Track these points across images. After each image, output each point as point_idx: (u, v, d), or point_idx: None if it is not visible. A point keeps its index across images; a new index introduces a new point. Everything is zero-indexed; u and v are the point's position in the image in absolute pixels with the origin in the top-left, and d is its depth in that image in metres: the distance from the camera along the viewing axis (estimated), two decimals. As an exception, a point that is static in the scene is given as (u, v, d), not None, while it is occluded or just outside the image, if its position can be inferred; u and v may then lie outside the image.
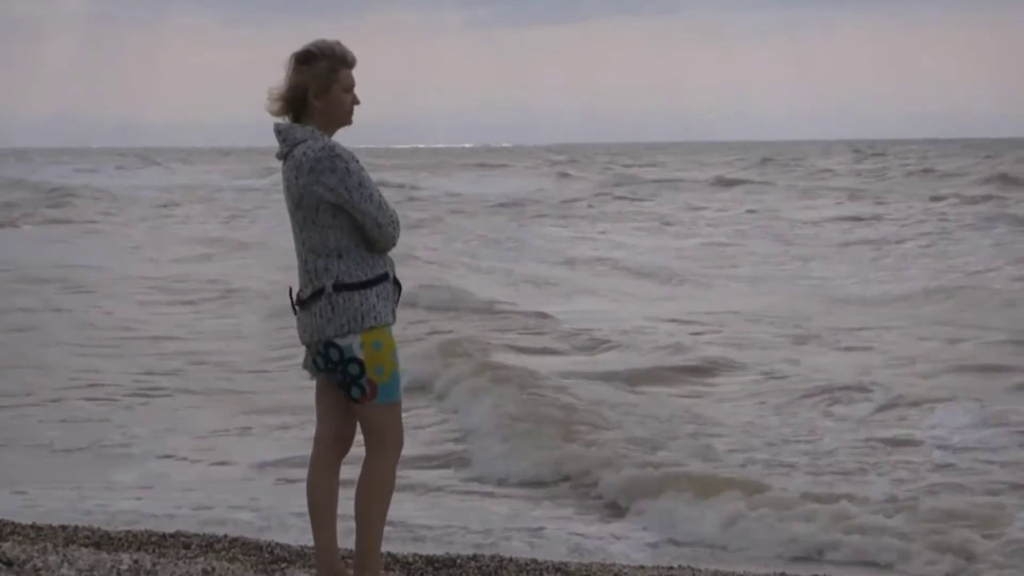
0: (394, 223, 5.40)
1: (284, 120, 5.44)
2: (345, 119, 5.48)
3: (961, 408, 11.56)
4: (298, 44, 5.44)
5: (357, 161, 5.36)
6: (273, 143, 5.48)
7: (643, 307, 19.63)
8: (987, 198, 42.03)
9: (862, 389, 12.58)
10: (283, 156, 5.42)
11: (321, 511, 5.53)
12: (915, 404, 11.88)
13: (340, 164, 5.31)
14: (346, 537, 5.62)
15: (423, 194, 54.24)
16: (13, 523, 7.50)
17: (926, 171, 61.96)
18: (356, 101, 5.49)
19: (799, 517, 8.25)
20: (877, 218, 37.63)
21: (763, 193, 51.31)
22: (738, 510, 8.42)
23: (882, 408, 11.87)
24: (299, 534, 7.54)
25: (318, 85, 5.39)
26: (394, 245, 5.43)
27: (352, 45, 5.44)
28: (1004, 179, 50.22)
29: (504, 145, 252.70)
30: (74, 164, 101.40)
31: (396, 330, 5.48)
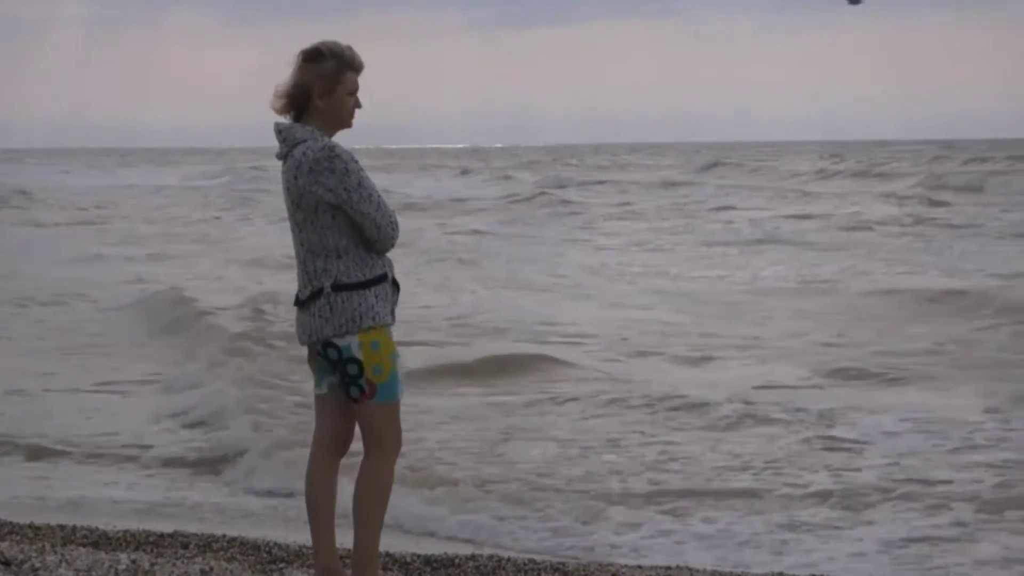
0: (393, 224, 5.41)
1: (286, 119, 5.46)
2: (346, 122, 5.49)
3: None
4: (298, 44, 5.45)
5: (356, 162, 5.37)
6: (268, 143, 5.49)
7: (490, 304, 19.60)
8: (912, 200, 42.56)
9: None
10: (283, 156, 5.43)
11: (319, 511, 5.54)
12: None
13: (339, 164, 5.32)
14: (346, 538, 5.64)
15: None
16: (11, 523, 7.50)
17: (877, 174, 62.53)
18: (358, 105, 5.50)
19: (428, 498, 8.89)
20: (801, 216, 38.29)
21: (693, 194, 51.75)
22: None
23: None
24: (298, 534, 7.55)
25: (322, 85, 5.40)
26: (393, 246, 5.44)
27: (352, 45, 5.45)
28: (934, 183, 51.39)
29: (497, 145, 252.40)
30: (58, 165, 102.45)
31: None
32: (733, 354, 15.19)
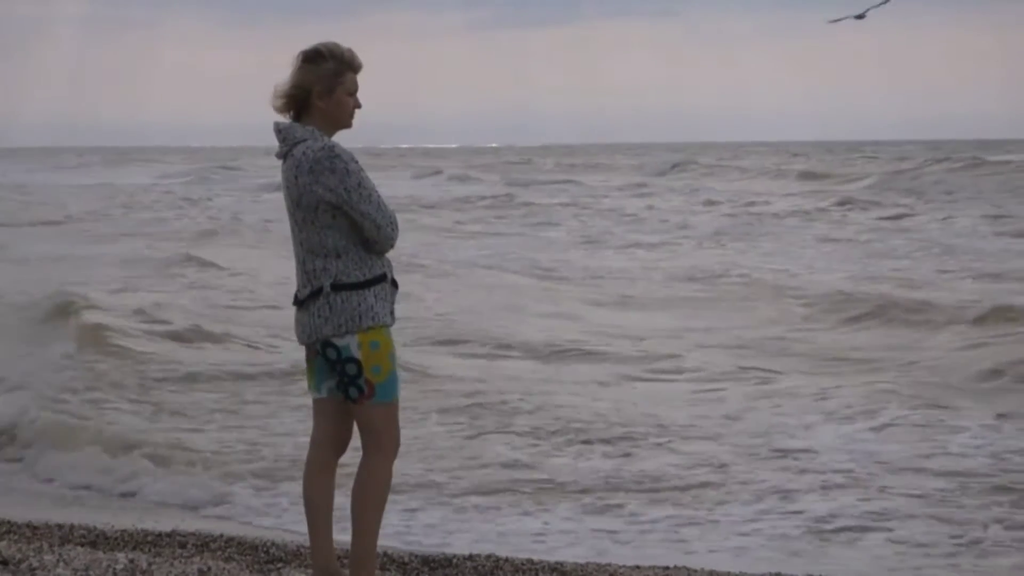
0: (393, 224, 5.42)
1: (285, 119, 5.47)
2: (346, 122, 5.50)
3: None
4: (297, 44, 5.47)
5: (356, 162, 5.38)
6: (264, 142, 5.50)
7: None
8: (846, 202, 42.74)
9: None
10: (283, 156, 5.45)
11: (317, 511, 5.54)
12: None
13: (339, 164, 5.33)
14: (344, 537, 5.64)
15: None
16: (9, 522, 7.50)
17: (833, 173, 62.86)
18: (358, 105, 5.51)
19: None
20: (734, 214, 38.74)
21: (639, 195, 51.74)
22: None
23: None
24: (295, 534, 7.56)
25: (322, 86, 5.41)
26: (392, 246, 5.45)
27: (351, 45, 5.46)
28: (880, 185, 51.74)
29: (493, 145, 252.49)
30: (39, 164, 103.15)
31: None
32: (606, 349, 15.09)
